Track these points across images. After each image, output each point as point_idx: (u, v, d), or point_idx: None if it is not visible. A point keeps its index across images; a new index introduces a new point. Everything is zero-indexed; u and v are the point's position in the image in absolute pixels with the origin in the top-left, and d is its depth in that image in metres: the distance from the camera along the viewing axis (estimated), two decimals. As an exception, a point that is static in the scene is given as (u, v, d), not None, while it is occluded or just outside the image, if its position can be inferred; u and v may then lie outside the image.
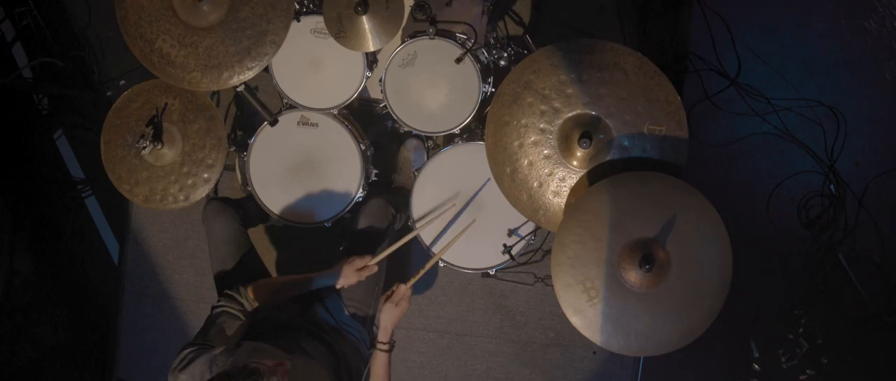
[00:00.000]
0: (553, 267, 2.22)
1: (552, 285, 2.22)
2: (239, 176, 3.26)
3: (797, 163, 3.44)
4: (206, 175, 2.67)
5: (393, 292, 2.38)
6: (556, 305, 2.19)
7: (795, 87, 3.38)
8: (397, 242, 2.54)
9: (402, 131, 3.18)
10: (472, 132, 2.94)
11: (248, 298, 2.26)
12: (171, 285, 3.63)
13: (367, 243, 2.69)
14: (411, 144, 3.29)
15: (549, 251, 3.27)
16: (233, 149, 3.05)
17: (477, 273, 3.27)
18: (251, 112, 3.38)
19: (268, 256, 3.47)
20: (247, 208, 2.94)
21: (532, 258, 3.30)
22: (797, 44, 3.45)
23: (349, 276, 2.46)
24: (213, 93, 3.25)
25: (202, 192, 2.68)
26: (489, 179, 2.69)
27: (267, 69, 2.81)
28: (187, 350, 2.01)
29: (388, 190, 3.26)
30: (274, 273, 3.02)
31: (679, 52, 3.38)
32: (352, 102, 2.87)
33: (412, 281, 2.42)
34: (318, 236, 3.08)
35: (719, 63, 3.33)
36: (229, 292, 2.27)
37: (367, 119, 3.24)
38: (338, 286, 2.48)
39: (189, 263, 3.61)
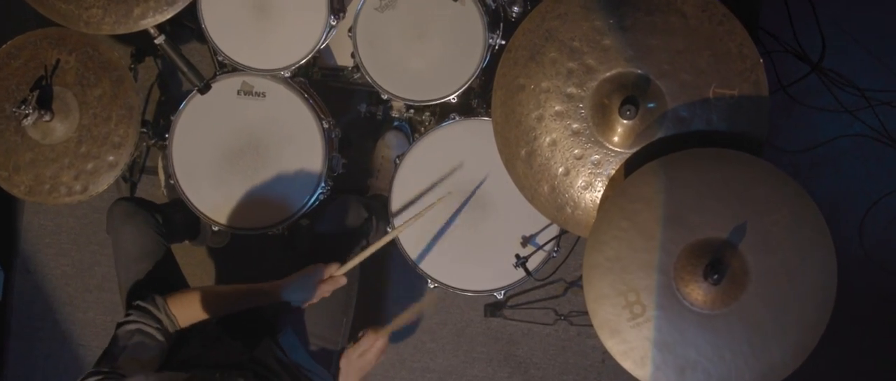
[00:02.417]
0: (585, 271, 2.11)
1: (579, 324, 2.05)
2: (162, 176, 3.20)
3: (899, 175, 3.43)
4: (111, 158, 2.60)
5: (361, 336, 2.36)
6: (584, 354, 2.00)
7: (897, 75, 3.37)
8: (373, 245, 2.47)
9: (379, 116, 3.12)
10: (472, 111, 2.86)
11: (169, 313, 2.27)
12: (73, 327, 3.60)
13: (331, 251, 2.61)
14: (392, 139, 3.25)
15: (575, 283, 3.20)
16: (154, 141, 2.99)
17: (478, 301, 3.28)
18: (180, 95, 3.32)
19: (199, 278, 3.46)
20: (170, 217, 2.87)
21: (551, 285, 3.26)
22: (899, 19, 3.46)
23: (310, 290, 2.42)
24: (130, 66, 3.21)
25: (106, 181, 2.61)
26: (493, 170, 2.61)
27: (195, 14, 2.72)
28: (91, 379, 2.01)
29: (361, 196, 3.21)
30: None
31: (746, 28, 3.29)
32: (312, 70, 2.82)
33: (392, 326, 2.35)
34: (266, 248, 3.08)
35: (797, 43, 3.25)
36: (142, 304, 2.27)
37: (334, 101, 3.15)
38: (305, 305, 2.45)
39: (96, 297, 3.57)
